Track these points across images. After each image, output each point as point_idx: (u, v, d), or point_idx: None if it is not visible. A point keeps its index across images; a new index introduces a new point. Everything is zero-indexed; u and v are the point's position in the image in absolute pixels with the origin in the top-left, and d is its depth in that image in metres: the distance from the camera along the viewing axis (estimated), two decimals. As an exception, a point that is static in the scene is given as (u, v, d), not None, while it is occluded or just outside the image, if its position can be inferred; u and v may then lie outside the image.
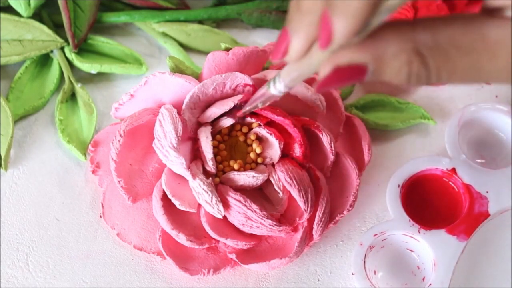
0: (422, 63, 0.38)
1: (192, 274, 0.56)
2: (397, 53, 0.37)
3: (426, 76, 0.38)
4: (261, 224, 0.54)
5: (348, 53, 0.38)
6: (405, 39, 0.37)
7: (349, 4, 0.35)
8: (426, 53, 0.37)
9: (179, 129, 0.54)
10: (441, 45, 0.37)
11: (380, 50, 0.38)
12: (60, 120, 0.61)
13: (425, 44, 0.37)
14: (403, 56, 0.37)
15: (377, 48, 0.38)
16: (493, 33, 0.37)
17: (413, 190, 0.59)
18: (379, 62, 0.38)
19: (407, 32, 0.38)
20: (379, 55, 0.38)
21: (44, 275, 0.57)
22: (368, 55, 0.38)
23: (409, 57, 0.37)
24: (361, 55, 0.38)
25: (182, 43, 0.65)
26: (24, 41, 0.62)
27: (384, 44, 0.38)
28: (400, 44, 0.37)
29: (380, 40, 0.38)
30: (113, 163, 0.55)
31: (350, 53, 0.38)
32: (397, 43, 0.37)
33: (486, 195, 0.57)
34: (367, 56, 0.38)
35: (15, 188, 0.60)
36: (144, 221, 0.58)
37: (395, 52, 0.37)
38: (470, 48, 0.37)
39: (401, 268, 0.57)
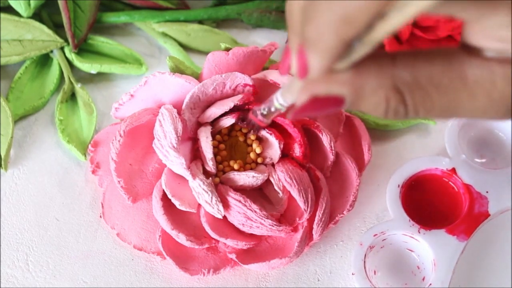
0: (400, 100, 0.37)
1: (192, 274, 0.56)
2: (375, 88, 0.37)
3: (404, 112, 0.38)
4: (261, 224, 0.54)
5: (326, 84, 0.38)
6: (384, 75, 0.37)
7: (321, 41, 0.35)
8: (404, 90, 0.37)
9: (179, 129, 0.54)
10: (420, 83, 0.37)
11: (359, 84, 0.37)
12: (60, 120, 0.61)
13: (404, 81, 0.37)
14: (382, 92, 0.37)
15: (356, 81, 0.37)
16: (472, 73, 0.37)
17: (413, 190, 0.59)
18: (356, 96, 0.38)
19: (387, 67, 0.37)
20: (357, 89, 0.37)
21: (44, 275, 0.57)
22: (347, 88, 0.37)
23: (387, 93, 0.37)
24: (339, 87, 0.38)
25: (182, 43, 0.65)
26: (24, 41, 0.62)
27: (363, 78, 0.37)
28: (380, 80, 0.37)
29: (359, 73, 0.37)
30: (113, 163, 0.55)
31: (328, 84, 0.38)
32: (376, 79, 0.37)
33: (486, 195, 0.57)
34: (345, 89, 0.38)
35: (15, 188, 0.60)
36: (144, 221, 0.58)
37: (373, 87, 0.37)
38: (449, 87, 0.37)
39: (401, 268, 0.57)
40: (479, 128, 0.61)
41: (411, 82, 0.37)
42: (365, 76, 0.37)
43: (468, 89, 0.37)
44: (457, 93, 0.37)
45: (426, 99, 0.37)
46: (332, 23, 0.35)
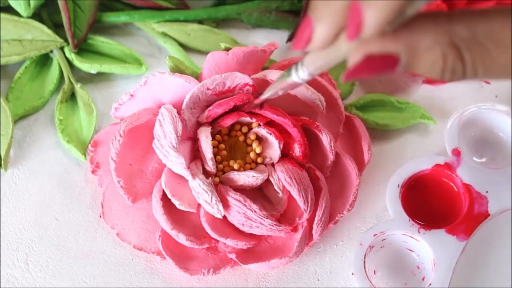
0: (458, 57, 0.36)
1: (192, 274, 0.56)
2: (432, 45, 0.36)
3: (462, 70, 0.37)
4: (260, 224, 0.54)
5: (380, 42, 0.37)
6: (441, 31, 0.36)
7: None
8: (462, 46, 0.36)
9: (179, 129, 0.54)
10: (478, 39, 0.36)
11: (415, 41, 0.36)
12: (60, 120, 0.61)
13: (462, 37, 0.36)
14: (438, 49, 0.36)
15: (411, 39, 0.36)
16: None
17: (413, 190, 0.59)
18: (412, 54, 0.37)
19: (444, 24, 0.36)
20: (413, 46, 0.36)
21: (44, 275, 0.57)
22: (402, 46, 0.37)
23: (444, 50, 0.36)
24: (394, 45, 0.37)
25: (182, 43, 0.65)
26: (24, 41, 0.62)
27: (418, 35, 0.36)
28: (436, 36, 0.36)
29: (414, 30, 0.36)
30: (112, 163, 0.55)
31: (383, 42, 0.37)
32: (433, 35, 0.36)
33: (486, 195, 0.57)
34: (400, 46, 0.37)
35: (15, 188, 0.60)
36: (143, 221, 0.58)
37: (430, 44, 0.36)
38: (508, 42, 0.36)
39: (401, 268, 0.57)
40: (479, 128, 0.61)
41: (469, 37, 0.36)
42: (420, 33, 0.36)
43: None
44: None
45: (485, 56, 0.36)
46: None
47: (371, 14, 0.35)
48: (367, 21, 0.35)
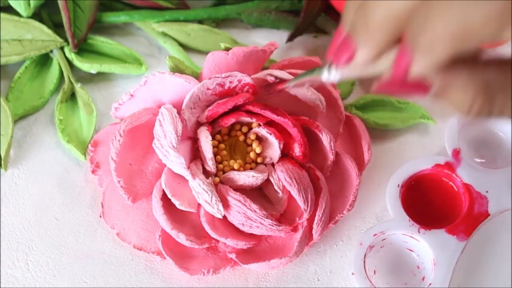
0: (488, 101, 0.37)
1: (192, 274, 0.56)
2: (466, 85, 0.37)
3: (488, 112, 0.38)
4: (260, 224, 0.54)
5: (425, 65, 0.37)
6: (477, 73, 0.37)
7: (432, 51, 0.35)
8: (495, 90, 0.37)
9: (179, 129, 0.54)
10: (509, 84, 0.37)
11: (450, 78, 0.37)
12: (59, 120, 0.61)
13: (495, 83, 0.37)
14: (471, 90, 0.37)
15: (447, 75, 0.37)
16: None
17: (413, 190, 0.59)
18: (445, 86, 0.38)
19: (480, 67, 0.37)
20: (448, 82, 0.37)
21: (44, 275, 0.57)
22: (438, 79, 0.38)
23: (476, 92, 0.37)
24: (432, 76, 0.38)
25: (182, 43, 0.65)
26: (24, 41, 0.62)
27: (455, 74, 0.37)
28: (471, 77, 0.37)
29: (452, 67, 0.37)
30: (113, 163, 0.55)
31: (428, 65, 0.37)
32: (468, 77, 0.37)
33: (486, 194, 0.57)
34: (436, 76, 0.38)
35: (14, 188, 0.60)
36: (143, 221, 0.58)
37: (464, 83, 0.37)
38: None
39: (401, 268, 0.57)
40: (479, 128, 0.61)
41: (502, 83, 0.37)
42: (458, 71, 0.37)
43: None
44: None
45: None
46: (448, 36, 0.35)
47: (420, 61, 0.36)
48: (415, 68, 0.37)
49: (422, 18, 0.35)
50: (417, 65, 0.37)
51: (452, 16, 0.34)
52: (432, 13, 0.35)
